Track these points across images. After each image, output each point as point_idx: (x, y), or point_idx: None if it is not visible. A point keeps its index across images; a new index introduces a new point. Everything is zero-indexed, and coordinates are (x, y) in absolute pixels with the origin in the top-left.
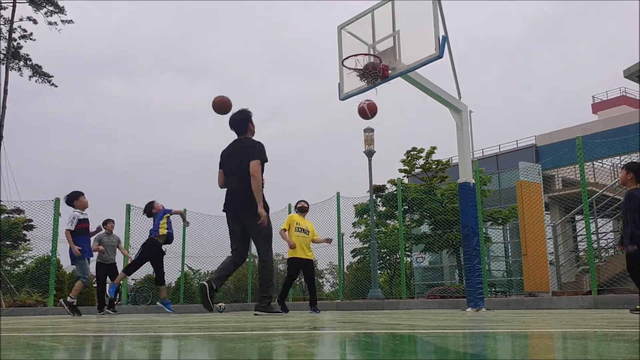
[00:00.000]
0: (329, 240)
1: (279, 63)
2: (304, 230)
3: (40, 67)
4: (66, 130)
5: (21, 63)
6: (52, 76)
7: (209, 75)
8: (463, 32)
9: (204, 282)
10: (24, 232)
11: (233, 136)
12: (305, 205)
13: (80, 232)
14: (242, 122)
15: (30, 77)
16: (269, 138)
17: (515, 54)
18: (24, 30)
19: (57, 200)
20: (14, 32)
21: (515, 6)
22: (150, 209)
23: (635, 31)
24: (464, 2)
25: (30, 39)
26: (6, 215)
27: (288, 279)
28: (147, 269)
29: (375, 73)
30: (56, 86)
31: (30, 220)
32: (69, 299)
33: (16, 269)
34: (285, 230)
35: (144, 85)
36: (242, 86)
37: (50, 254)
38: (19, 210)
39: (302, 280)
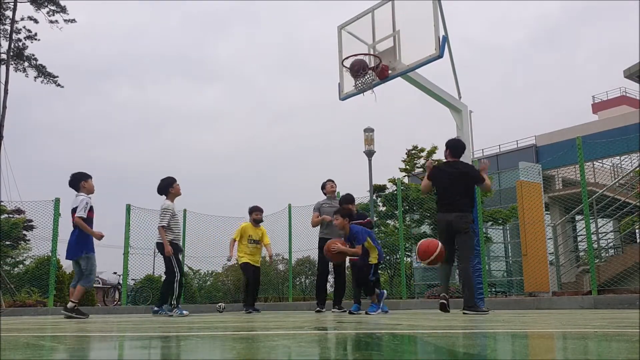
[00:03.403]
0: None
1: (286, 66)
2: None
3: (45, 67)
4: (73, 132)
5: (26, 64)
6: (58, 76)
7: (218, 78)
8: (465, 38)
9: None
10: (24, 232)
11: (235, 139)
12: None
13: (87, 222)
14: (463, 148)
15: (35, 77)
16: (273, 139)
17: (516, 58)
18: (29, 31)
19: (57, 201)
20: (19, 33)
21: (515, 14)
22: None
23: (635, 32)
24: (465, 10)
25: (35, 39)
26: (6, 215)
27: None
28: (147, 269)
29: (365, 72)
30: (62, 86)
31: (30, 221)
32: (70, 304)
33: (16, 269)
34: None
35: (152, 88)
36: (251, 89)
37: (50, 254)
38: (19, 211)
39: (303, 280)
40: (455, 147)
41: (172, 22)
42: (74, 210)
